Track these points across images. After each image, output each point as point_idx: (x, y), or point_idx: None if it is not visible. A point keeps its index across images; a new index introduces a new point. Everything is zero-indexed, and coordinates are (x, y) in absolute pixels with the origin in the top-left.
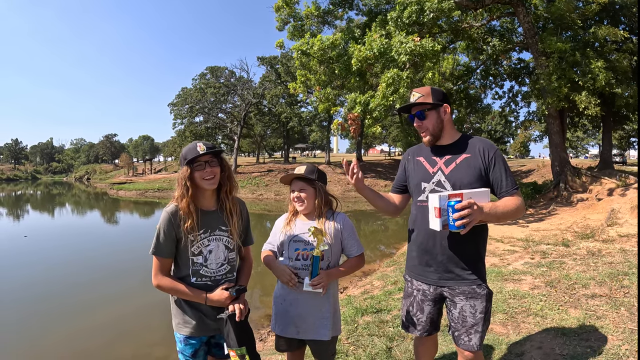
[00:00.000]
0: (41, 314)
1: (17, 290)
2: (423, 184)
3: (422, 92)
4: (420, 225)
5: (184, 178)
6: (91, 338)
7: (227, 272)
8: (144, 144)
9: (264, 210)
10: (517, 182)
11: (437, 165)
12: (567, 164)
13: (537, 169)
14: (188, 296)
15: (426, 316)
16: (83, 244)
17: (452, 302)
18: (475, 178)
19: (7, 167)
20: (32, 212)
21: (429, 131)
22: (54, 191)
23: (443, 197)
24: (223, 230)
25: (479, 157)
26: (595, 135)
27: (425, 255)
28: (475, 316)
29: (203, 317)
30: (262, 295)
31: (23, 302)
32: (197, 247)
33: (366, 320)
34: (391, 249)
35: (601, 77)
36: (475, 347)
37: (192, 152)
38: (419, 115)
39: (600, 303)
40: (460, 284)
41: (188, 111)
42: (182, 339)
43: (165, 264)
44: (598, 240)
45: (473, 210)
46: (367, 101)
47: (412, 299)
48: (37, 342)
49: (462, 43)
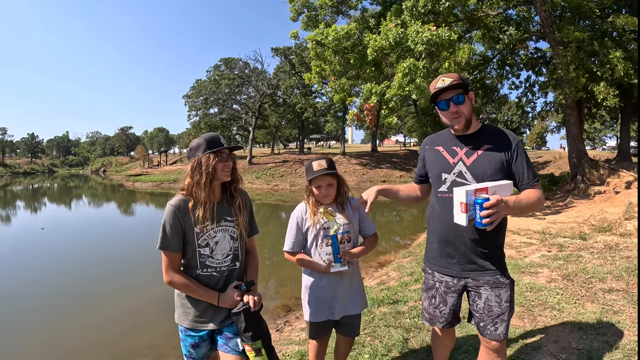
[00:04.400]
0: (58, 305)
1: (35, 282)
2: (444, 175)
3: (452, 77)
4: (440, 216)
5: (209, 165)
6: (107, 328)
7: (231, 262)
8: (159, 136)
9: (279, 200)
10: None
11: (458, 156)
12: (584, 155)
13: (554, 160)
14: (200, 295)
15: (449, 308)
16: (100, 235)
17: (476, 292)
18: (497, 170)
19: (24, 161)
20: (49, 205)
21: (465, 117)
22: (71, 184)
23: (470, 192)
24: (229, 221)
25: (502, 148)
26: (613, 127)
27: (447, 247)
28: (501, 305)
29: (203, 311)
30: (277, 286)
31: (41, 294)
32: (204, 238)
33: (382, 312)
34: (406, 240)
35: (620, 67)
36: (502, 336)
37: (216, 143)
38: (457, 99)
39: (617, 298)
40: (484, 274)
41: (203, 103)
42: (183, 329)
43: (175, 258)
44: (615, 233)
45: (500, 207)
46: (383, 91)
47: (434, 291)
48: (55, 332)
49: (478, 32)
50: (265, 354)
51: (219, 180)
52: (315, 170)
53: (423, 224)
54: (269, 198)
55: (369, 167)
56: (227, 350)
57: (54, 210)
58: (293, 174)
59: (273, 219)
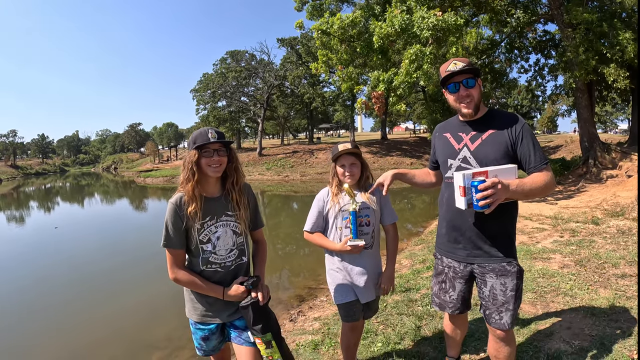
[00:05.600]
0: (73, 299)
1: (50, 279)
2: (450, 161)
3: (464, 61)
4: (448, 202)
5: (191, 162)
6: (124, 321)
7: (237, 257)
8: (168, 131)
9: (290, 191)
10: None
11: (463, 142)
12: (596, 139)
13: (565, 144)
14: (205, 291)
15: (457, 294)
16: (114, 230)
17: (482, 280)
18: (501, 154)
19: (36, 162)
20: (62, 204)
21: (474, 101)
22: (83, 182)
23: (467, 175)
24: (229, 216)
25: (505, 132)
26: (624, 110)
27: (454, 232)
28: (505, 294)
29: (210, 305)
30: (290, 276)
31: (57, 290)
32: (205, 234)
33: (395, 300)
34: (418, 227)
35: (630, 48)
36: (506, 325)
37: (202, 138)
38: (466, 83)
39: (631, 283)
40: (490, 261)
41: (210, 96)
42: (193, 323)
43: (179, 255)
44: (628, 218)
45: (497, 189)
46: (390, 79)
47: (443, 276)
48: (72, 325)
49: (485, 16)
50: (275, 346)
51: (208, 176)
52: (340, 149)
53: (434, 211)
54: (280, 189)
55: (379, 155)
56: (240, 343)
57: (67, 209)
58: (303, 164)
59: (285, 209)
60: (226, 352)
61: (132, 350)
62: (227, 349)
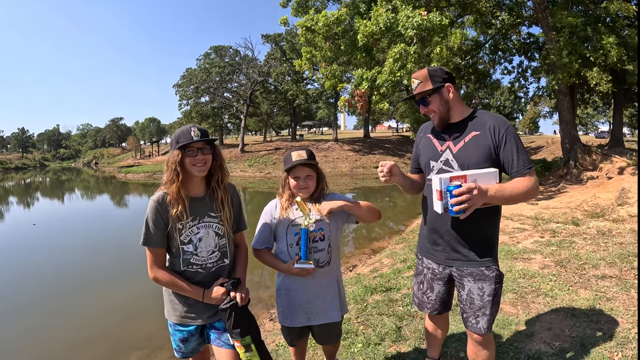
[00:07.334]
0: (53, 298)
1: (29, 276)
2: (432, 163)
3: (420, 77)
4: (428, 203)
5: (175, 162)
6: (103, 321)
7: (218, 259)
8: (150, 127)
9: (272, 188)
10: None
11: (446, 144)
12: (577, 141)
13: (546, 145)
14: (185, 292)
15: (436, 295)
16: (93, 228)
17: (460, 283)
18: (484, 157)
19: (15, 156)
20: (41, 199)
21: (437, 114)
22: (63, 177)
23: (444, 179)
24: (212, 217)
25: (489, 134)
26: (605, 112)
27: (433, 234)
28: (483, 299)
29: (190, 307)
30: (272, 275)
31: (35, 288)
32: (186, 235)
33: (375, 299)
34: (400, 225)
35: (613, 53)
36: (482, 330)
37: (185, 137)
38: (421, 103)
39: (611, 284)
40: (468, 265)
41: (193, 92)
42: (171, 324)
43: (159, 254)
44: (608, 219)
45: (472, 195)
46: (374, 77)
47: (422, 276)
48: (50, 324)
49: (470, 17)
50: (255, 349)
51: (194, 176)
52: (294, 160)
53: (416, 209)
54: (262, 186)
55: (361, 153)
56: (220, 345)
57: (46, 205)
58: None
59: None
60: (205, 354)
61: (112, 350)
62: (206, 351)
